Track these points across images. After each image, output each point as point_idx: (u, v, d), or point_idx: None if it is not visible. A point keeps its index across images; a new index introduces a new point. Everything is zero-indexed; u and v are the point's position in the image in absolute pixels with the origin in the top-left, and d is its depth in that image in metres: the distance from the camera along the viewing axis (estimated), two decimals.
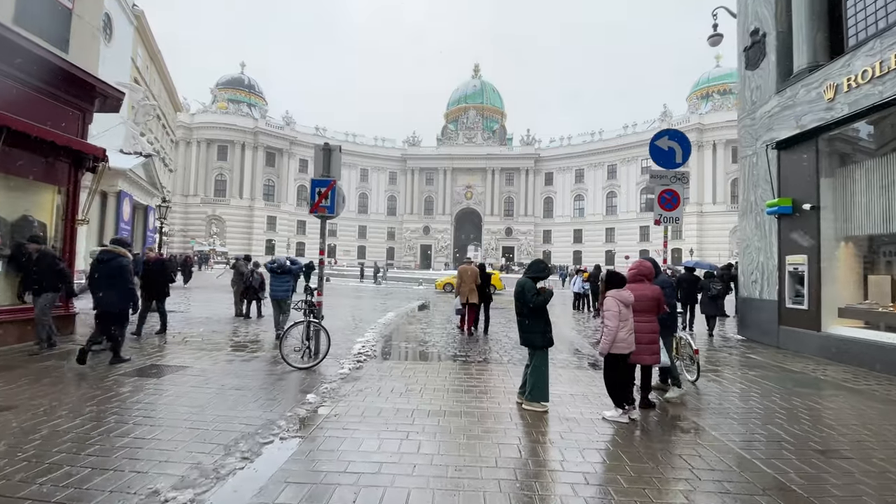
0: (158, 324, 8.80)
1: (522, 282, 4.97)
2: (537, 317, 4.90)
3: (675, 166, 6.97)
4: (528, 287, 4.89)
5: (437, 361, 7.16)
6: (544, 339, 4.90)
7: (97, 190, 9.05)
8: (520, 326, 5.04)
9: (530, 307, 4.84)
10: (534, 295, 4.82)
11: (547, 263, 5.42)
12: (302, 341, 6.45)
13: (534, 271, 5.02)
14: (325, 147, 7.25)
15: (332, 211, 7.01)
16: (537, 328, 4.88)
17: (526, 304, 4.86)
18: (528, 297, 4.83)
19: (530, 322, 4.90)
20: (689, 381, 6.22)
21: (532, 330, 4.89)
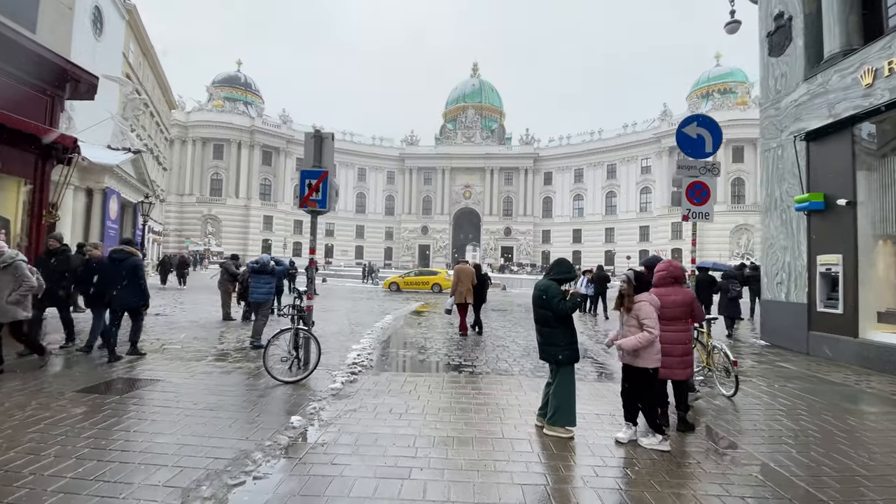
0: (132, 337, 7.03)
1: (544, 285, 4.25)
2: (563, 326, 4.19)
3: (705, 156, 6.27)
4: (553, 291, 4.17)
5: (440, 372, 6.44)
6: (571, 353, 4.18)
7: (67, 183, 8.31)
8: (540, 337, 4.32)
9: (555, 315, 4.15)
10: (560, 300, 4.11)
11: (572, 263, 4.68)
12: (289, 351, 5.73)
13: (558, 272, 4.30)
14: (315, 134, 6.53)
15: (324, 205, 6.29)
16: (562, 340, 4.16)
17: (550, 311, 4.16)
18: (553, 304, 4.11)
19: (554, 332, 4.18)
20: (725, 395, 5.53)
21: (556, 342, 4.17)
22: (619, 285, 4.16)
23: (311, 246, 6.38)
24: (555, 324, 4.16)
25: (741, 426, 4.62)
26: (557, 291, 4.16)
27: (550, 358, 4.20)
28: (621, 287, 4.10)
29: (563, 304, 4.08)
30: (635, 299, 4.03)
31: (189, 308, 12.90)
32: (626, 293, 4.05)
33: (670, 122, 60.10)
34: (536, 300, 4.27)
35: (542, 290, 4.21)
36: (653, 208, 61.77)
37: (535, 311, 4.30)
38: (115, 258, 6.67)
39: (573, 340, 4.22)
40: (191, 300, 15.29)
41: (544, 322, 4.22)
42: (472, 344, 8.70)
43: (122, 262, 6.60)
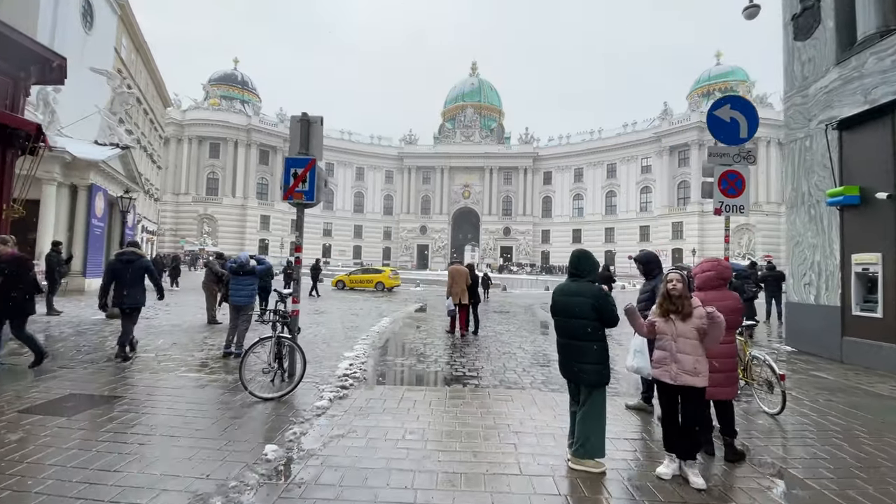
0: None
1: (593, 291, 3.49)
2: (600, 340, 3.49)
3: (740, 142, 5.60)
4: (608, 297, 3.52)
5: (442, 386, 5.73)
6: (607, 373, 3.50)
7: (33, 176, 7.57)
8: (567, 353, 3.54)
9: (597, 327, 3.47)
10: (615, 308, 3.48)
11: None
12: (269, 363, 5.01)
13: (591, 270, 3.62)
14: (302, 118, 5.82)
15: (312, 197, 5.59)
16: (597, 357, 3.45)
17: (594, 321, 3.45)
18: (609, 313, 3.45)
19: (587, 348, 3.45)
20: (768, 413, 4.84)
21: (589, 359, 3.44)
22: (666, 285, 3.43)
23: (297, 243, 5.67)
24: (591, 337, 3.46)
25: (797, 452, 3.93)
26: (611, 298, 3.50)
27: (582, 378, 3.47)
28: (671, 288, 3.37)
29: (616, 314, 3.42)
30: (696, 302, 3.38)
31: (174, 310, 12.16)
32: (683, 294, 3.34)
33: (671, 122, 59.60)
34: (577, 308, 3.48)
35: (594, 297, 3.44)
36: (653, 208, 61.21)
37: (563, 320, 3.55)
38: (125, 259, 6.73)
39: (608, 356, 3.52)
40: (179, 302, 14.55)
41: (575, 334, 3.48)
42: (475, 350, 7.99)
43: (132, 264, 6.70)
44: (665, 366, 3.33)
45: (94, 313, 10.77)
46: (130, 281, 6.63)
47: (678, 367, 3.27)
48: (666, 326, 3.37)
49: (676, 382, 3.29)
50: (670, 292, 3.38)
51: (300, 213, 5.76)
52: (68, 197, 17.24)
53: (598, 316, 3.44)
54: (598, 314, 3.43)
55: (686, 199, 57.61)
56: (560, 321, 3.59)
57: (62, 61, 7.52)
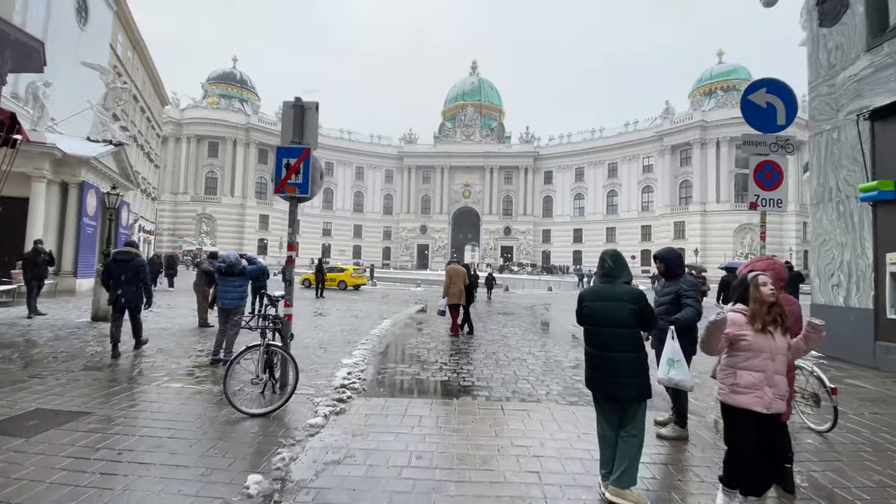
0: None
1: (633, 293, 3.02)
2: (641, 348, 3.03)
3: (777, 129, 5.09)
4: (647, 300, 3.05)
5: (450, 398, 5.20)
6: (649, 385, 3.02)
7: (8, 171, 7.03)
8: (604, 368, 3.01)
9: (638, 333, 3.01)
10: (653, 312, 3.04)
11: None
12: (257, 374, 4.50)
13: (623, 270, 3.14)
14: (296, 103, 5.31)
15: (306, 190, 5.08)
16: (643, 368, 2.99)
17: (639, 328, 3.01)
18: (652, 318, 3.03)
19: (631, 359, 2.97)
20: (815, 430, 4.34)
21: (632, 370, 2.95)
22: (759, 290, 2.78)
23: (290, 241, 5.16)
24: (631, 347, 2.97)
25: (859, 479, 3.42)
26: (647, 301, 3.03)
27: (620, 394, 2.97)
28: (768, 293, 2.76)
29: (656, 318, 2.95)
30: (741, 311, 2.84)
31: (165, 312, 11.64)
32: (779, 301, 2.80)
33: (672, 121, 59.13)
34: (608, 314, 3.01)
35: (634, 301, 2.98)
36: (655, 207, 60.77)
37: (597, 329, 3.05)
38: (121, 259, 6.84)
39: (648, 366, 3.05)
40: (172, 303, 14.03)
41: (612, 345, 2.98)
42: (483, 357, 7.47)
43: (128, 263, 6.80)
44: (757, 391, 2.70)
45: (80, 316, 10.26)
46: (126, 280, 6.71)
47: (774, 392, 2.72)
48: (764, 342, 2.72)
49: (770, 410, 2.70)
50: (767, 299, 2.76)
51: (293, 208, 5.24)
52: (59, 195, 16.71)
53: (638, 322, 2.96)
54: (638, 320, 2.95)
55: (688, 199, 57.15)
56: (593, 330, 3.08)
57: (36, 44, 6.98)
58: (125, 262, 6.81)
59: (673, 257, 4.39)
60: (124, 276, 6.70)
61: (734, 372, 2.78)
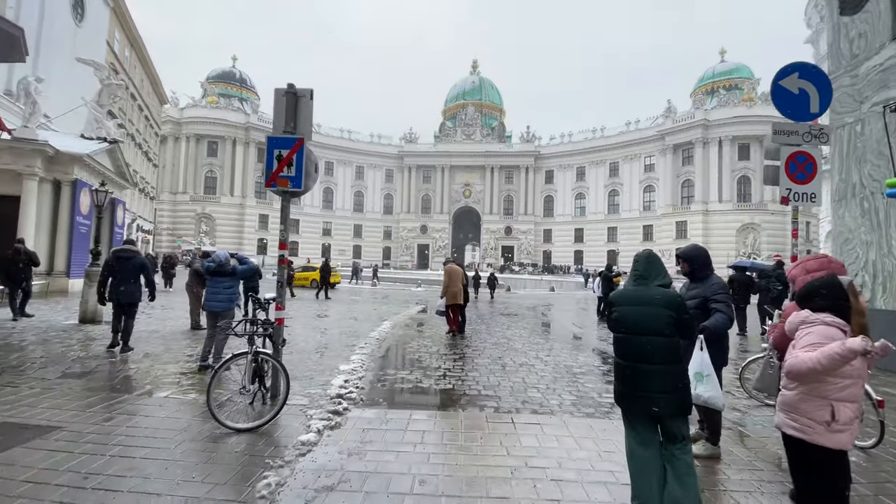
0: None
1: (672, 299, 2.66)
2: (680, 360, 2.65)
3: (810, 118, 4.70)
4: (686, 306, 2.73)
5: (455, 409, 4.79)
6: (690, 398, 2.68)
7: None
8: (639, 382, 2.61)
9: (678, 342, 2.64)
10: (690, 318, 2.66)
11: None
12: (243, 384, 4.10)
13: (661, 273, 2.76)
14: (288, 90, 4.91)
15: (299, 184, 4.68)
16: (683, 380, 2.64)
17: (679, 336, 2.64)
18: (690, 329, 2.69)
19: (670, 372, 2.59)
20: (858, 447, 3.94)
21: (671, 384, 2.58)
22: (859, 301, 2.36)
23: (282, 238, 4.76)
24: (670, 357, 2.59)
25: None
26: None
27: (656, 411, 2.56)
28: (865, 305, 2.36)
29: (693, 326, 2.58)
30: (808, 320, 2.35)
31: (158, 314, 11.25)
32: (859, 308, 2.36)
33: (674, 120, 58.72)
34: (645, 321, 2.62)
35: (673, 307, 2.61)
36: (656, 207, 60.36)
37: (632, 338, 2.65)
38: (122, 257, 6.95)
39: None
40: (167, 304, 13.65)
41: (649, 356, 2.59)
42: (489, 362, 7.06)
43: (129, 261, 6.94)
44: (852, 426, 2.23)
45: (67, 318, 9.87)
46: (126, 277, 6.85)
47: (858, 422, 2.31)
48: (862, 365, 2.21)
49: (848, 447, 2.24)
50: (865, 311, 2.34)
51: (286, 203, 4.85)
52: (51, 193, 16.32)
53: (676, 330, 2.59)
54: (676, 328, 2.58)
55: (690, 199, 56.78)
56: (623, 339, 2.69)
57: (14, 30, 6.58)
58: (126, 260, 6.93)
59: (699, 255, 3.93)
60: (124, 275, 6.85)
61: (829, 405, 2.21)
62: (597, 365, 7.11)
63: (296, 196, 4.92)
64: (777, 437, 4.18)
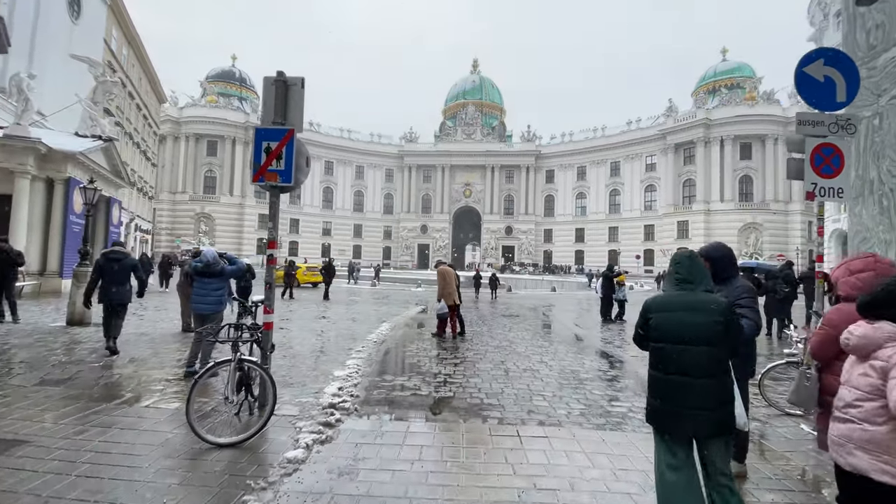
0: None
1: (720, 305, 2.37)
2: (730, 372, 2.36)
3: (836, 107, 4.42)
4: (734, 314, 2.43)
5: (457, 420, 4.46)
6: (733, 415, 2.36)
7: None
8: (681, 397, 2.30)
9: (729, 354, 2.38)
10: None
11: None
12: (226, 395, 3.79)
13: (705, 278, 2.48)
14: (277, 78, 4.60)
15: (289, 178, 4.36)
16: (730, 395, 2.35)
17: (729, 346, 2.37)
18: (738, 339, 2.42)
19: (717, 386, 2.30)
20: None
21: (717, 399, 2.29)
22: None
23: (270, 237, 4.44)
24: (718, 369, 2.31)
25: None
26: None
27: (698, 429, 2.27)
28: None
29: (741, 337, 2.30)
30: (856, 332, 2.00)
31: (149, 315, 10.94)
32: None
33: (676, 119, 58.42)
34: (691, 329, 2.32)
35: (722, 314, 2.33)
36: (658, 206, 60.07)
37: (676, 348, 2.33)
38: (112, 258, 6.97)
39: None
40: (160, 305, 13.34)
41: (694, 369, 2.29)
42: (491, 367, 6.75)
43: (119, 262, 6.97)
44: None
45: (55, 320, 9.57)
46: (117, 279, 6.88)
47: None
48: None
49: None
50: None
51: (274, 199, 4.53)
52: (44, 191, 16.02)
53: (727, 340, 2.30)
54: (727, 338, 2.29)
55: (692, 198, 56.51)
56: (663, 349, 2.38)
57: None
58: (116, 262, 6.97)
59: (723, 256, 3.57)
60: (115, 276, 6.88)
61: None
62: (604, 370, 6.80)
63: (285, 191, 4.60)
64: (803, 452, 3.88)
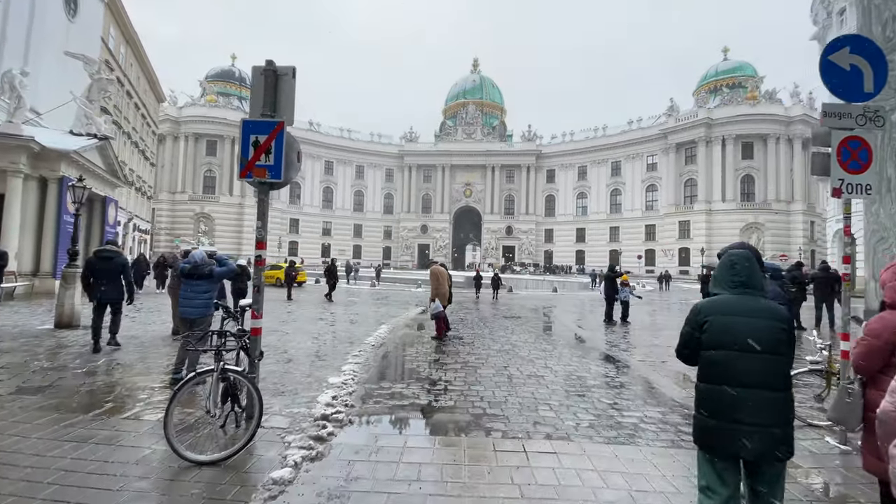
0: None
1: (782, 312, 2.14)
2: (790, 386, 2.12)
3: (864, 98, 4.10)
4: (793, 323, 2.24)
5: (457, 433, 4.16)
6: (793, 437, 2.10)
7: None
8: (741, 413, 2.03)
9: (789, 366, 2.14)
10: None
11: None
12: (208, 408, 3.49)
13: (759, 280, 2.24)
14: (267, 68, 4.32)
15: (278, 174, 4.08)
16: (793, 412, 2.13)
17: (789, 357, 2.13)
18: (793, 349, 2.15)
19: (783, 402, 2.07)
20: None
21: (785, 417, 2.06)
22: None
23: (258, 237, 4.15)
24: (786, 384, 2.08)
25: None
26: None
27: (769, 452, 2.00)
28: None
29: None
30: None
31: (141, 317, 10.66)
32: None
33: (677, 118, 58.10)
34: (757, 336, 2.05)
35: (787, 321, 2.11)
36: (659, 206, 59.76)
37: (739, 356, 2.05)
38: (104, 256, 7.03)
39: None
40: (154, 307, 13.06)
41: (758, 378, 2.03)
42: (493, 373, 6.45)
43: (111, 261, 7.03)
44: None
45: (44, 322, 9.29)
46: (108, 277, 6.94)
47: None
48: None
49: None
50: None
51: (263, 196, 4.24)
52: (37, 191, 15.76)
53: (790, 351, 2.10)
54: (790, 348, 2.09)
55: (693, 198, 56.21)
56: (720, 357, 2.09)
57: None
58: (108, 260, 7.00)
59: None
60: (106, 274, 6.93)
61: None
62: (611, 375, 6.50)
63: (275, 188, 4.32)
64: (831, 468, 3.59)
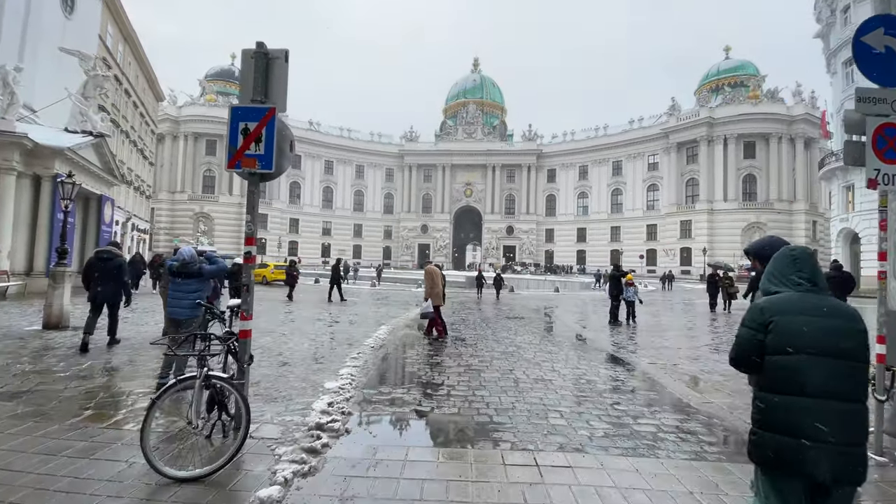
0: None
1: (858, 314, 1.84)
2: (867, 397, 1.84)
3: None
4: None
5: (463, 445, 3.86)
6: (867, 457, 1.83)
7: None
8: (831, 428, 1.68)
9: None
10: None
11: None
12: (189, 418, 3.19)
13: (822, 280, 1.97)
14: (257, 51, 4.01)
15: (269, 164, 3.78)
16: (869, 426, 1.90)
17: (865, 369, 1.82)
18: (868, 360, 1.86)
19: (866, 414, 1.80)
20: None
21: (867, 430, 1.80)
22: None
23: (248, 233, 3.85)
24: (865, 392, 1.80)
25: None
26: None
27: (850, 474, 1.71)
28: None
29: None
30: None
31: (134, 318, 10.36)
32: None
33: (678, 118, 57.84)
34: (843, 340, 1.77)
35: (861, 321, 1.83)
36: (660, 206, 59.46)
37: (824, 362, 1.74)
38: (102, 257, 7.15)
39: None
40: (149, 307, 12.75)
41: (840, 387, 1.74)
42: (498, 376, 6.14)
43: (109, 261, 7.13)
44: None
45: (32, 323, 9.01)
46: (106, 278, 7.02)
47: None
48: None
49: None
50: None
51: (253, 188, 3.94)
52: (31, 189, 15.47)
53: (868, 357, 1.82)
54: (868, 354, 1.81)
55: (695, 197, 55.93)
56: (792, 363, 1.77)
57: None
58: (107, 261, 7.10)
59: (763, 252, 3.03)
60: (104, 274, 6.99)
61: None
62: (622, 379, 6.21)
63: (266, 179, 4.02)
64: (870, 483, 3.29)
